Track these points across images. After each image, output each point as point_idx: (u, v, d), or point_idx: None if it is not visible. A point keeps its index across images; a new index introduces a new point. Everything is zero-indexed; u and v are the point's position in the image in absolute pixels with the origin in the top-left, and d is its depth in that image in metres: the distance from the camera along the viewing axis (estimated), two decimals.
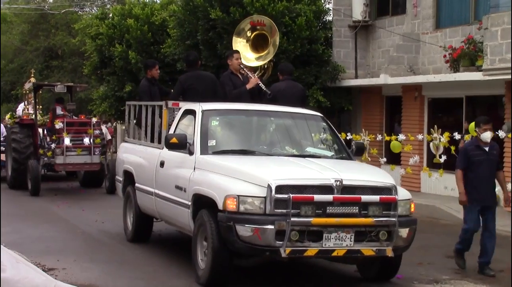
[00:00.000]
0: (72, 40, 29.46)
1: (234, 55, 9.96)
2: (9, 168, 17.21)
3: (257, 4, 16.16)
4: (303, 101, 10.07)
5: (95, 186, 17.32)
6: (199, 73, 10.03)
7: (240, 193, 6.82)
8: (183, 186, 7.84)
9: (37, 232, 10.87)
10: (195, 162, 7.74)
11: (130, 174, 9.92)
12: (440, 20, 16.97)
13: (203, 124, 8.08)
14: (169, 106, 9.07)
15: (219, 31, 16.55)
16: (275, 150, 8.08)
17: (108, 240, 10.33)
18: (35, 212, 13.25)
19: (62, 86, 17.80)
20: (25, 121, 17.17)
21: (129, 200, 10.07)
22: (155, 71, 10.83)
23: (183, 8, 17.68)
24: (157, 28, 20.90)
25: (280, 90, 9.65)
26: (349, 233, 6.87)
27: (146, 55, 20.60)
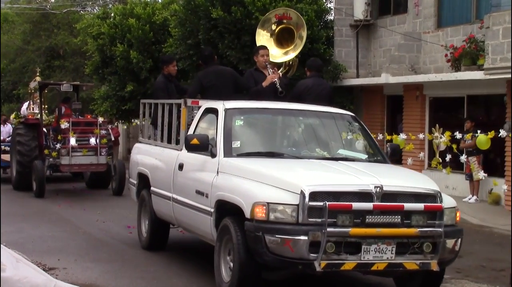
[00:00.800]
0: (73, 40, 29.44)
1: (259, 51, 9.41)
2: (13, 169, 16.91)
3: (259, 4, 16.16)
4: (331, 99, 9.43)
5: (101, 188, 16.95)
6: (218, 68, 9.47)
7: (270, 200, 6.24)
8: (205, 191, 7.24)
9: (38, 231, 10.88)
10: (218, 165, 7.14)
11: (145, 177, 9.30)
12: (441, 19, 16.96)
13: (226, 124, 7.47)
14: (188, 105, 8.47)
15: (220, 30, 16.56)
16: (304, 152, 7.48)
17: (109, 240, 10.32)
18: (36, 211, 13.25)
19: (68, 85, 17.43)
20: (30, 121, 16.86)
21: (143, 205, 9.45)
22: (172, 67, 10.09)
23: (185, 7, 17.68)
24: (159, 27, 20.90)
25: (307, 87, 9.16)
26: (390, 245, 6.27)
27: (147, 55, 20.62)
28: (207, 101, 8.34)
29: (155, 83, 10.14)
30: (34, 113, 17.49)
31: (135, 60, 20.32)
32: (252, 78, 9.30)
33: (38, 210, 13.47)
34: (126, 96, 21.28)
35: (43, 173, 15.28)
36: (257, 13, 16.00)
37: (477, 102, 16.34)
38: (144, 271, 8.22)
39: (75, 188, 17.56)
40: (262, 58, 9.30)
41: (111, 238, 10.48)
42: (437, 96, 16.95)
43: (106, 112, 22.24)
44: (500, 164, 14.73)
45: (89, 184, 17.46)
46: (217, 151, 7.27)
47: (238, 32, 16.37)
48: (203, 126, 8.01)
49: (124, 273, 8.11)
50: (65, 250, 9.30)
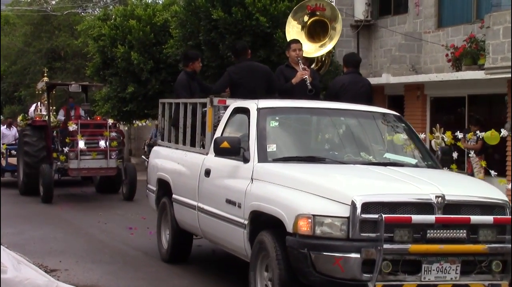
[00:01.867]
0: (74, 42, 29.46)
1: (292, 45, 8.73)
2: (20, 173, 16.30)
3: (259, 4, 16.16)
4: (370, 98, 8.67)
5: (111, 192, 16.30)
6: (251, 64, 8.70)
7: (315, 212, 5.49)
8: (237, 200, 6.52)
9: (40, 233, 10.89)
10: (253, 172, 6.41)
11: (166, 183, 8.55)
12: (442, 19, 16.96)
13: (259, 125, 6.71)
14: (215, 104, 7.68)
15: (221, 31, 16.54)
16: (347, 157, 6.71)
17: (110, 241, 10.33)
18: (37, 213, 13.27)
19: (77, 85, 16.75)
20: (38, 123, 16.36)
21: (164, 214, 8.71)
22: (197, 64, 9.28)
23: (185, 8, 17.67)
24: (159, 28, 20.89)
25: (344, 85, 8.42)
26: (455, 264, 5.50)
27: (148, 56, 20.61)
28: (236, 100, 7.60)
29: (177, 81, 9.19)
30: (42, 115, 16.99)
31: (136, 61, 20.31)
32: (282, 75, 8.66)
33: (39, 211, 13.49)
34: (127, 98, 21.26)
35: (50, 178, 14.66)
36: (258, 14, 15.99)
37: (478, 101, 16.33)
38: (145, 272, 8.22)
39: (84, 192, 17.03)
40: (294, 53, 8.61)
41: (112, 239, 10.49)
42: (438, 96, 16.95)
43: (107, 113, 22.24)
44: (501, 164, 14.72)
45: (98, 188, 16.82)
46: (250, 155, 6.54)
47: (239, 33, 16.35)
48: (232, 127, 7.32)
49: (125, 274, 8.12)
50: (67, 252, 9.31)
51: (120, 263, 8.67)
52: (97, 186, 16.86)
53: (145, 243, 10.00)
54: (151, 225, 11.35)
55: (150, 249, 9.54)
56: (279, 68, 8.85)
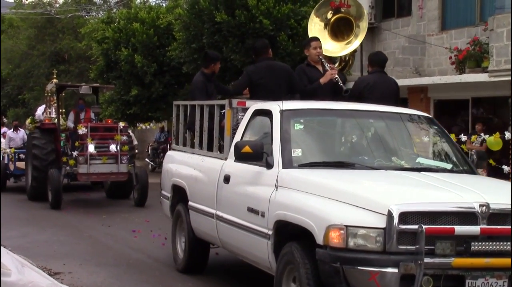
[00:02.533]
0: (78, 45, 29.52)
1: (311, 43, 8.30)
2: (29, 177, 15.74)
3: (263, 7, 16.18)
4: (397, 98, 8.20)
5: (122, 198, 15.81)
6: (271, 63, 8.22)
7: (348, 222, 5.05)
8: (260, 209, 6.09)
9: (44, 236, 10.90)
10: (277, 178, 5.99)
11: (181, 189, 8.11)
12: (445, 22, 16.96)
13: (283, 128, 6.30)
14: (234, 106, 7.27)
15: (224, 34, 16.57)
16: (378, 162, 6.30)
17: (114, 244, 10.33)
18: (41, 216, 13.27)
19: (87, 87, 16.11)
20: (47, 126, 15.80)
21: (179, 221, 8.29)
22: (217, 66, 8.84)
23: (189, 11, 17.70)
24: (163, 31, 20.93)
25: (369, 85, 7.98)
26: (501, 279, 5.06)
27: (152, 59, 20.65)
28: (257, 102, 7.21)
29: (193, 83, 8.80)
30: (51, 118, 16.48)
31: (140, 64, 20.35)
32: (304, 75, 8.12)
33: (43, 214, 13.49)
34: (130, 100, 21.32)
35: (59, 183, 14.16)
36: (261, 16, 16.02)
37: (481, 104, 16.32)
38: (149, 275, 8.22)
39: (93, 198, 16.49)
40: (314, 51, 8.17)
41: (116, 242, 10.49)
42: (441, 98, 16.93)
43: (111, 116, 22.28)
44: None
45: (109, 193, 16.34)
46: (274, 161, 6.13)
47: (242, 35, 16.37)
48: (252, 131, 6.91)
49: (129, 277, 8.11)
50: (70, 255, 9.31)
51: (124, 266, 8.67)
52: (107, 191, 16.41)
53: (149, 246, 10.00)
54: (155, 228, 11.39)
55: (154, 252, 9.55)
56: (300, 67, 8.31)
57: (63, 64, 31.97)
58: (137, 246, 10.03)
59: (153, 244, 10.13)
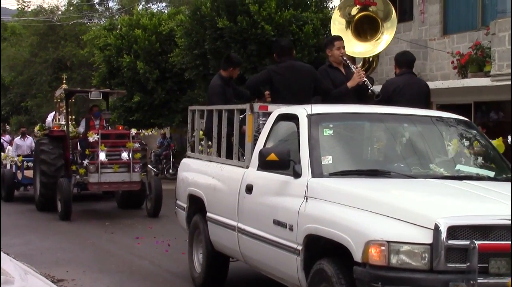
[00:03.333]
0: (80, 51, 29.60)
1: (335, 42, 7.70)
2: (37, 186, 15.02)
3: (264, 13, 16.20)
4: (428, 102, 7.74)
5: (134, 208, 15.08)
6: (295, 64, 7.67)
7: (390, 237, 4.58)
8: (288, 222, 5.59)
9: (46, 243, 10.90)
10: (307, 188, 5.50)
11: (198, 200, 7.56)
12: (447, 26, 16.96)
13: (311, 134, 5.81)
14: (255, 110, 6.79)
15: (226, 40, 16.59)
16: (415, 169, 5.80)
17: (117, 251, 10.33)
18: (44, 223, 13.27)
19: (97, 93, 15.48)
20: (55, 133, 15.14)
21: (196, 233, 7.74)
22: (236, 71, 8.39)
23: (191, 17, 17.74)
24: (165, 38, 20.99)
25: (398, 87, 7.42)
26: None
27: (154, 65, 20.69)
28: (280, 106, 6.74)
29: (210, 87, 8.29)
30: (60, 125, 15.87)
31: (142, 70, 20.39)
32: (328, 78, 7.57)
33: (46, 222, 13.48)
34: (133, 107, 21.36)
35: (69, 192, 13.46)
36: (263, 22, 16.04)
37: (484, 108, 16.31)
38: (152, 281, 8.21)
39: (104, 208, 15.83)
40: (338, 51, 7.61)
41: (119, 249, 10.48)
42: (444, 103, 16.91)
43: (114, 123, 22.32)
44: None
45: (120, 203, 15.59)
46: (303, 169, 5.64)
47: (244, 41, 16.40)
48: (276, 137, 6.43)
49: (132, 283, 8.11)
50: (74, 262, 9.31)
51: (127, 273, 8.66)
52: (119, 201, 15.64)
53: (152, 252, 9.99)
54: (158, 234, 11.39)
55: (157, 258, 9.54)
56: (322, 69, 7.71)
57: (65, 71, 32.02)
58: (140, 252, 10.02)
59: (156, 250, 10.12)
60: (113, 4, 34.16)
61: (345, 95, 7.35)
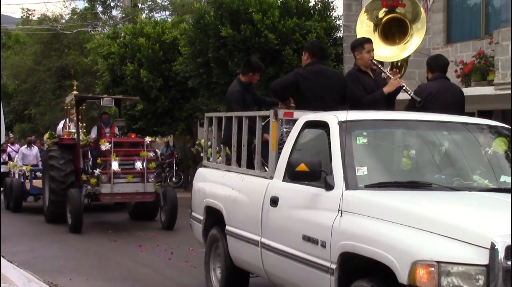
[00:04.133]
0: (84, 60, 29.67)
1: (365, 45, 7.24)
2: (46, 199, 14.38)
3: (268, 22, 16.23)
4: (463, 108, 7.24)
5: (147, 219, 14.53)
6: (323, 69, 7.15)
7: (441, 257, 4.17)
8: (320, 238, 5.15)
9: (50, 251, 10.89)
10: (341, 202, 5.05)
11: (216, 212, 7.12)
12: (450, 35, 16.97)
13: (344, 142, 5.33)
14: (280, 117, 6.35)
15: (230, 48, 16.62)
16: (457, 181, 5.39)
17: (120, 259, 10.31)
18: (47, 231, 13.27)
19: (109, 99, 14.73)
20: (65, 141, 14.41)
21: (214, 247, 7.31)
22: (256, 77, 7.98)
23: (194, 26, 17.77)
24: (168, 46, 21.02)
25: (431, 93, 7.04)
26: None
27: (157, 74, 20.72)
28: (306, 113, 6.31)
29: (229, 93, 7.85)
30: (71, 133, 15.14)
31: (145, 79, 20.42)
32: (359, 83, 7.12)
33: (49, 229, 13.48)
34: (136, 115, 21.38)
35: (80, 204, 12.84)
36: (266, 31, 16.06)
37: (488, 117, 16.28)
38: None
39: (116, 220, 15.14)
40: (368, 55, 7.17)
41: (122, 257, 10.47)
42: None
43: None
44: None
45: (133, 215, 14.95)
46: (336, 181, 5.22)
47: (248, 50, 16.41)
48: (303, 146, 6.02)
49: None
50: (77, 270, 9.30)
51: (131, 281, 8.65)
52: (131, 212, 15.03)
53: (155, 260, 9.98)
54: (161, 243, 11.38)
55: (161, 267, 9.53)
56: (353, 73, 7.27)
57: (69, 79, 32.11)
58: (143, 261, 10.01)
59: (159, 258, 10.11)
60: (116, 12, 34.25)
61: (379, 101, 6.94)
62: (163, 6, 32.38)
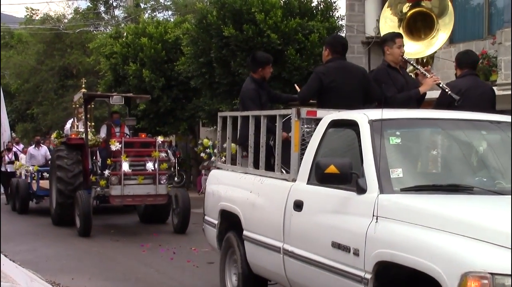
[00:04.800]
0: (86, 59, 29.69)
1: (396, 39, 6.80)
2: (53, 198, 13.92)
3: (270, 22, 16.22)
4: (494, 107, 6.92)
5: (158, 222, 14.03)
6: (345, 65, 6.84)
7: (495, 268, 3.83)
8: (352, 245, 4.78)
9: (52, 250, 10.90)
10: (376, 207, 4.68)
11: (233, 216, 6.75)
12: (453, 35, 16.91)
13: (376, 143, 5.01)
14: (302, 116, 6.00)
15: (232, 48, 16.61)
16: (499, 184, 5.04)
17: (122, 258, 10.32)
18: (50, 230, 13.28)
19: (119, 97, 14.27)
20: (73, 141, 13.95)
21: (229, 253, 6.93)
22: (268, 70, 7.54)
23: (197, 26, 17.76)
24: (171, 46, 21.02)
25: (460, 91, 6.72)
26: None
27: (160, 73, 20.73)
28: (329, 111, 5.98)
29: (243, 91, 7.53)
30: (79, 132, 14.69)
31: (148, 78, 20.42)
32: (389, 81, 6.68)
33: (51, 229, 13.49)
34: (138, 115, 21.37)
35: (89, 207, 12.32)
36: (269, 31, 16.05)
37: None
38: None
39: (126, 223, 14.68)
40: (399, 50, 6.76)
41: (124, 256, 10.47)
42: None
43: None
44: None
45: (143, 218, 14.47)
46: (369, 184, 4.86)
47: (250, 50, 16.38)
48: (328, 146, 5.62)
49: None
50: (79, 269, 9.31)
51: (133, 281, 8.65)
52: (141, 215, 14.53)
53: (157, 260, 9.99)
54: (163, 242, 11.39)
55: (163, 266, 9.53)
56: (383, 69, 6.84)
57: (71, 79, 32.15)
58: (146, 260, 10.01)
59: (161, 258, 10.11)
60: (119, 12, 34.29)
61: (413, 101, 6.58)
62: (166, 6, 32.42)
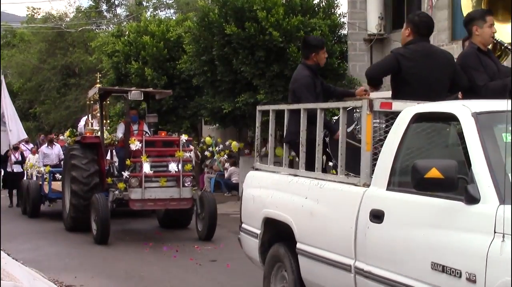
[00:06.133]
0: (89, 58, 29.72)
1: (486, 17, 5.87)
2: (66, 204, 12.82)
3: (272, 19, 16.21)
4: None
5: (179, 227, 12.86)
6: (431, 48, 5.85)
7: None
8: (465, 269, 3.91)
9: (55, 249, 10.92)
10: (496, 221, 3.81)
11: (281, 225, 5.91)
12: (455, 32, 16.94)
13: (487, 141, 4.15)
14: (376, 109, 5.07)
15: (234, 46, 16.60)
16: None
17: (125, 257, 10.33)
18: (52, 229, 13.28)
19: (138, 92, 12.80)
20: (88, 140, 12.82)
21: (276, 269, 6.08)
22: (322, 55, 6.70)
23: (198, 24, 17.76)
24: (173, 44, 21.03)
25: None
26: None
27: (162, 72, 20.73)
28: (407, 103, 5.06)
29: (295, 79, 6.62)
30: (94, 130, 13.66)
31: (150, 77, 20.42)
32: (481, 67, 5.75)
33: (54, 227, 13.50)
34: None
35: (106, 211, 11.19)
36: (271, 28, 16.04)
37: None
38: None
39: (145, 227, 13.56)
40: (490, 30, 5.84)
41: (127, 255, 10.48)
42: None
43: None
44: None
45: (163, 222, 13.25)
46: (482, 192, 3.97)
47: (252, 47, 16.40)
48: (413, 145, 4.73)
49: None
50: (82, 267, 9.32)
51: (136, 279, 8.66)
52: (161, 219, 13.35)
53: (160, 258, 9.99)
54: (166, 241, 11.39)
55: (166, 264, 9.54)
56: (472, 54, 5.88)
57: (73, 78, 32.18)
58: (149, 258, 10.02)
59: (164, 256, 10.12)
60: (121, 10, 34.30)
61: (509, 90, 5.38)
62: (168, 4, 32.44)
